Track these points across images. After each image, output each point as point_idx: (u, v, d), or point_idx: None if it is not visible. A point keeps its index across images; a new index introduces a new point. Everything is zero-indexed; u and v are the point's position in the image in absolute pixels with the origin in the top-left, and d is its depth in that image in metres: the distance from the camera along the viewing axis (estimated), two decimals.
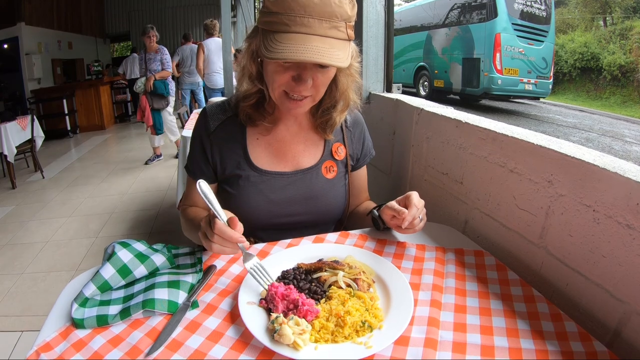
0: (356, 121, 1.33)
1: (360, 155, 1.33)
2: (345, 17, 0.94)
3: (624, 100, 14.56)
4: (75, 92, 8.92)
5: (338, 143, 1.27)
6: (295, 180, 1.21)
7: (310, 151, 1.24)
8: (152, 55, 5.70)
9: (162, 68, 5.73)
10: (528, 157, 1.03)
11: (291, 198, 1.21)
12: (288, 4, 0.91)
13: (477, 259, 1.04)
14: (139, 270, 0.93)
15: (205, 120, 1.21)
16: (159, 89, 5.73)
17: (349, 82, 1.15)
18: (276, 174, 1.20)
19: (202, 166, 1.21)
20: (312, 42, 0.91)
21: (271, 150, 1.21)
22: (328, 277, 0.90)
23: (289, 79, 1.00)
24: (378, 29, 1.97)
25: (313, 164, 1.23)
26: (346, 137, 1.29)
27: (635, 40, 15.16)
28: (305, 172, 1.22)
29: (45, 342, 0.76)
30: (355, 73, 1.15)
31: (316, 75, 1.01)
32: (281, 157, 1.22)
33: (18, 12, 8.57)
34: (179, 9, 13.11)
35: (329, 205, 1.25)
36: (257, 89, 1.13)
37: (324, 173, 1.24)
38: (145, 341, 0.77)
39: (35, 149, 5.73)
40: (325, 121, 1.21)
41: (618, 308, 0.82)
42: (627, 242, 0.80)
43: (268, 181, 1.19)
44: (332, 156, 1.26)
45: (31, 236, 3.90)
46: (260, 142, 1.21)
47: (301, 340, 0.72)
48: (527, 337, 0.77)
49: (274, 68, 1.00)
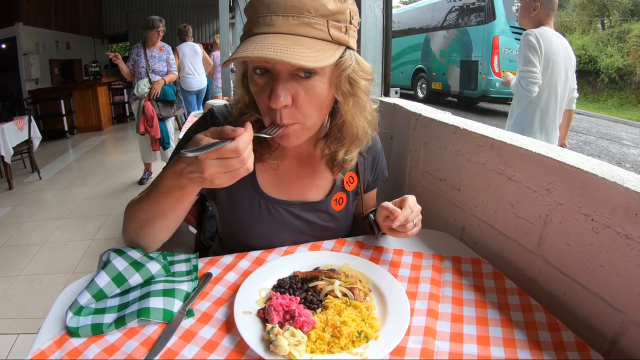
0: (371, 146, 1.18)
1: (371, 180, 1.24)
2: (323, 12, 0.80)
3: (621, 103, 14.61)
4: (73, 92, 8.90)
5: (350, 172, 1.15)
6: (302, 212, 1.11)
7: (319, 183, 1.13)
8: (157, 53, 4.80)
9: (167, 70, 4.88)
10: (526, 164, 1.03)
11: (296, 229, 1.12)
12: (254, 7, 0.81)
13: (474, 267, 1.03)
14: (134, 278, 0.92)
15: (213, 120, 1.06)
16: (169, 94, 4.85)
17: (354, 109, 0.94)
18: (283, 202, 1.09)
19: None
20: (269, 39, 0.77)
21: (277, 181, 1.10)
22: (324, 286, 0.89)
23: (267, 103, 0.84)
24: (376, 32, 1.97)
25: (321, 198, 1.13)
26: (359, 164, 1.16)
27: (633, 43, 15.21)
28: (313, 206, 1.12)
29: (40, 351, 0.76)
30: (362, 94, 0.93)
31: (296, 91, 0.83)
32: (287, 187, 1.10)
33: (16, 11, 8.54)
34: (177, 9, 13.10)
35: (335, 235, 1.18)
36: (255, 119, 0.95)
37: (333, 206, 1.14)
38: (140, 350, 0.76)
39: (33, 149, 5.70)
40: (331, 158, 1.04)
41: (616, 318, 0.82)
42: (625, 252, 0.79)
43: (274, 209, 1.09)
44: (343, 188, 1.15)
45: (28, 238, 3.89)
46: (266, 169, 1.08)
47: (297, 351, 0.72)
48: (524, 348, 0.77)
49: (254, 89, 0.88)
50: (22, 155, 5.83)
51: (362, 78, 0.90)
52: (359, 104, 0.94)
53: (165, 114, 4.82)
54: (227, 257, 1.07)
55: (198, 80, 6.50)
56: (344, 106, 0.92)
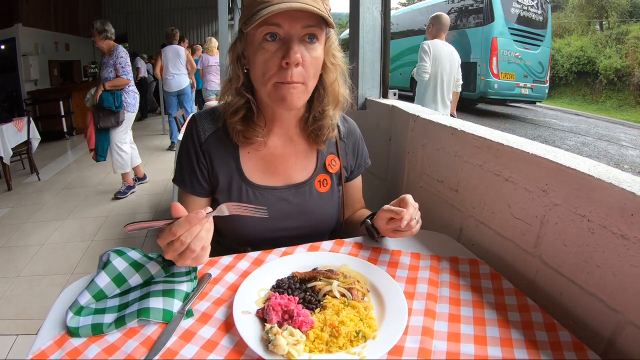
0: (350, 132, 1.30)
1: (354, 166, 1.31)
2: None
3: (620, 104, 14.66)
4: (72, 93, 8.91)
5: (332, 155, 1.25)
6: (288, 195, 1.19)
7: (302, 165, 1.21)
8: (106, 59, 4.43)
9: (115, 75, 4.39)
10: (523, 166, 1.04)
11: (284, 213, 1.18)
12: None
13: (472, 268, 1.04)
14: (134, 278, 0.93)
15: (195, 128, 1.17)
16: (106, 101, 4.34)
17: (335, 73, 1.12)
18: (269, 188, 1.18)
19: (194, 177, 1.16)
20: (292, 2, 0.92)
21: (263, 164, 1.18)
22: (322, 286, 0.90)
23: (278, 64, 0.97)
24: (374, 34, 1.98)
25: (306, 178, 1.21)
26: (340, 148, 1.26)
27: (631, 45, 15.27)
28: (298, 187, 1.20)
29: (41, 350, 0.76)
30: (341, 63, 1.12)
31: (303, 53, 0.98)
32: (273, 171, 1.19)
33: (15, 13, 8.56)
34: (176, 11, 13.14)
35: (323, 218, 1.24)
36: (244, 101, 1.10)
37: (317, 187, 1.22)
38: (140, 350, 0.76)
39: (32, 150, 5.71)
40: (319, 128, 1.17)
41: (612, 318, 0.83)
42: (621, 252, 0.80)
43: (261, 196, 1.17)
44: (326, 169, 1.23)
45: (27, 239, 3.89)
46: (251, 156, 1.17)
47: (295, 350, 0.72)
48: (521, 347, 0.77)
49: (262, 57, 0.99)
50: (21, 156, 5.83)
51: (339, 52, 1.11)
52: (342, 73, 1.14)
53: (104, 124, 4.43)
54: (226, 258, 1.07)
55: (177, 81, 6.78)
56: (331, 73, 1.11)
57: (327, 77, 1.11)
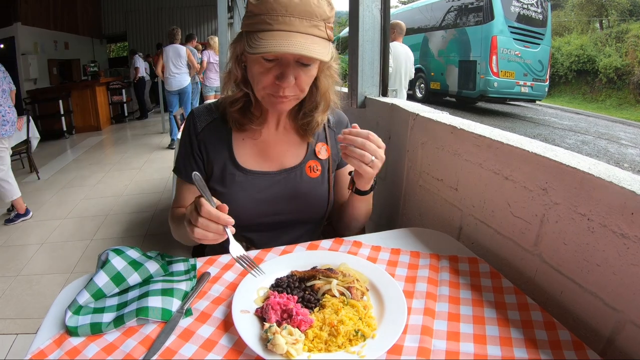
0: (339, 121, 1.37)
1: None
2: (324, 17, 1.00)
3: (619, 102, 14.65)
4: (72, 92, 8.91)
5: (321, 143, 1.31)
6: (280, 180, 1.24)
7: (294, 151, 1.28)
8: None
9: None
10: (523, 164, 1.03)
11: (276, 197, 1.23)
12: (270, 5, 0.96)
13: (472, 266, 1.04)
14: (133, 277, 0.93)
15: (193, 121, 1.25)
16: None
17: (329, 83, 1.19)
18: (261, 173, 1.23)
19: (191, 166, 1.23)
20: (294, 38, 0.96)
21: (256, 151, 1.24)
22: (322, 285, 0.90)
23: (272, 80, 1.03)
24: (374, 32, 1.97)
25: (296, 163, 1.27)
26: (329, 137, 1.33)
27: (631, 43, 15.25)
28: (289, 172, 1.26)
29: (40, 350, 0.76)
30: (335, 74, 1.19)
31: (299, 74, 1.04)
32: (265, 157, 1.25)
33: (14, 12, 8.55)
34: (176, 10, 13.12)
35: (313, 203, 1.28)
36: (243, 94, 1.17)
37: (308, 172, 1.27)
38: (138, 349, 0.76)
39: (31, 149, 5.69)
40: (307, 123, 1.24)
41: (612, 316, 0.82)
42: (621, 251, 0.80)
43: (253, 180, 1.22)
44: (315, 156, 1.29)
45: (26, 238, 3.89)
46: (245, 143, 1.24)
47: (294, 350, 0.72)
48: (521, 346, 0.77)
49: (258, 69, 1.04)
50: (20, 156, 5.81)
51: (335, 62, 1.16)
52: (334, 79, 1.20)
53: None
54: (225, 257, 1.07)
55: (178, 80, 6.90)
56: (324, 81, 1.17)
57: (321, 84, 1.18)
